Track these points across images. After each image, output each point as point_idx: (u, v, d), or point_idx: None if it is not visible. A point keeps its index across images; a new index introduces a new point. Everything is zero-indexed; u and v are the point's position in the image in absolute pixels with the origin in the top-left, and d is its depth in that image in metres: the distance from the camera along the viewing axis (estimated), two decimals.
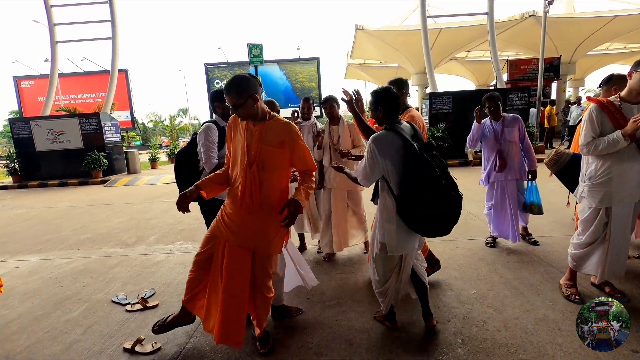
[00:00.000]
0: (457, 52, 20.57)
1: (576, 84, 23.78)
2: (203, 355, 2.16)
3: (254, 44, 9.72)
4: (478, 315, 2.40)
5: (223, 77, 18.59)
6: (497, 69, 13.11)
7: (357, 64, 26.08)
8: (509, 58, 17.76)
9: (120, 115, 18.93)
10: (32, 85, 20.15)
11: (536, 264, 3.22)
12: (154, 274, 3.48)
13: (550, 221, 4.30)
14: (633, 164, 2.29)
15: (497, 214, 3.59)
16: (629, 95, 2.30)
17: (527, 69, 16.01)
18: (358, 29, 18.48)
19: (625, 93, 2.32)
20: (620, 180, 2.30)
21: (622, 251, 2.40)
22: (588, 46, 18.22)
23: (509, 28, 17.02)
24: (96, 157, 11.18)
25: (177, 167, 2.69)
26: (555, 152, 2.91)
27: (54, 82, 13.53)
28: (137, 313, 2.71)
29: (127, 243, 4.56)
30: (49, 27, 13.44)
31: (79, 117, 11.79)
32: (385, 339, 2.21)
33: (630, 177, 2.30)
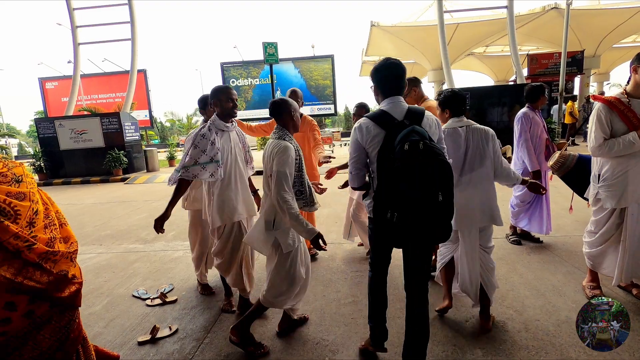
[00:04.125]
0: (475, 47, 20.15)
1: (601, 79, 22.94)
2: (221, 349, 2.20)
3: (269, 43, 9.75)
4: (498, 316, 2.35)
5: (238, 75, 18.76)
6: (517, 64, 12.76)
7: (372, 61, 25.86)
8: (529, 52, 17.25)
9: (139, 115, 19.34)
10: (56, 86, 20.82)
11: (558, 264, 3.12)
12: (172, 269, 3.56)
13: (573, 220, 4.17)
14: None
15: (534, 207, 3.50)
16: (636, 91, 2.21)
17: (548, 63, 15.52)
18: (373, 25, 18.32)
19: (631, 88, 2.23)
20: (636, 179, 2.22)
21: (639, 251, 2.31)
22: (613, 39, 17.53)
23: (529, 22, 16.55)
24: (117, 155, 11.48)
25: None
26: (560, 155, 2.80)
27: (76, 82, 13.96)
28: (157, 308, 2.78)
29: (146, 239, 4.67)
30: (72, 30, 13.86)
31: (100, 116, 12.12)
32: (401, 337, 2.19)
33: None
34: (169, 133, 43.40)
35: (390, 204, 1.52)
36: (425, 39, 18.01)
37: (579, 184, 2.68)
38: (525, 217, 3.57)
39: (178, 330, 2.43)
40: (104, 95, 20.85)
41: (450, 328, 2.26)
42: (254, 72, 18.64)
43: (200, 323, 2.51)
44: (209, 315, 2.61)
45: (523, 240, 3.67)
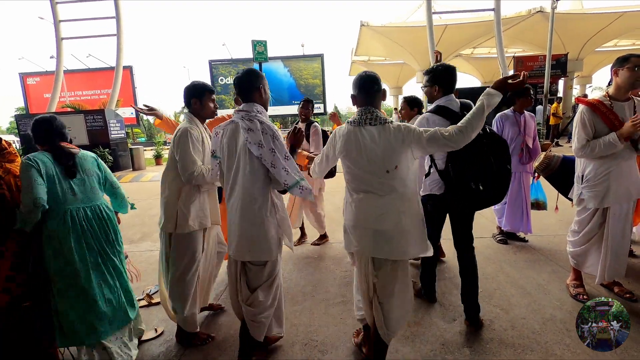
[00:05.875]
0: (463, 48, 20.39)
1: (584, 81, 23.51)
2: (208, 352, 2.16)
3: (259, 41, 9.69)
4: (484, 315, 2.38)
5: (227, 73, 18.58)
6: (503, 66, 13.00)
7: (361, 61, 25.96)
8: (515, 55, 17.56)
9: (125, 112, 18.96)
10: (37, 82, 20.25)
11: (543, 263, 3.18)
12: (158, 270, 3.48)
13: (557, 220, 4.26)
14: (630, 162, 2.31)
15: (511, 207, 3.55)
16: (618, 93, 2.28)
17: (533, 65, 15.82)
18: (363, 25, 18.38)
19: (613, 91, 2.30)
20: (618, 180, 2.29)
21: (621, 250, 2.38)
22: (596, 43, 17.98)
23: (515, 24, 16.83)
24: (101, 153, 11.22)
25: None
26: (545, 157, 2.87)
27: (59, 78, 13.61)
28: (142, 309, 2.72)
29: (132, 239, 4.57)
30: (55, 24, 13.50)
31: (84, 113, 11.85)
32: None
33: (627, 176, 2.30)
34: (155, 131, 42.72)
35: (476, 176, 1.99)
36: (414, 40, 18.14)
37: (563, 184, 2.74)
38: (504, 216, 3.64)
39: (164, 333, 2.39)
40: (88, 92, 20.38)
41: (438, 327, 2.28)
42: None
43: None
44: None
45: (509, 240, 3.73)
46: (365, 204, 1.68)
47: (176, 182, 2.10)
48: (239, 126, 1.75)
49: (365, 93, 1.72)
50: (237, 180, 1.75)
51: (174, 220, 2.09)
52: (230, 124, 1.81)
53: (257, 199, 1.74)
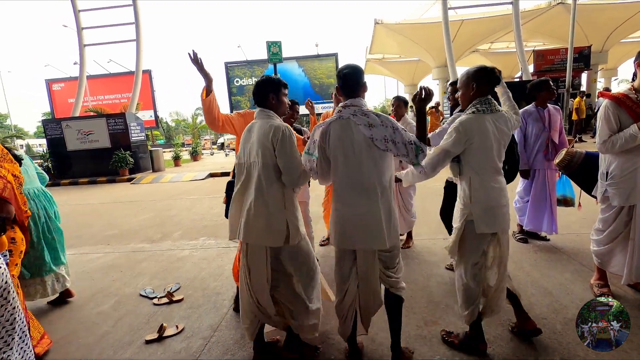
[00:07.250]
0: (480, 43, 19.99)
1: (608, 74, 22.66)
2: (227, 348, 2.21)
3: (273, 42, 9.76)
4: (504, 314, 2.33)
5: (242, 75, 18.81)
6: (523, 60, 12.64)
7: (376, 59, 25.78)
8: (535, 48, 17.08)
9: (145, 115, 19.47)
10: (62, 87, 21.02)
11: (565, 262, 3.10)
12: (179, 269, 3.58)
13: (580, 218, 4.13)
14: None
15: (534, 205, 3.46)
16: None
17: (555, 59, 15.35)
18: (377, 23, 18.26)
19: (638, 84, 2.21)
20: None
21: None
22: (621, 34, 17.31)
23: (534, 17, 16.38)
24: (123, 155, 11.58)
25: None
26: (567, 153, 2.76)
27: (82, 84, 14.06)
28: (164, 307, 2.80)
29: (152, 239, 4.71)
30: (77, 31, 13.95)
31: (106, 117, 12.23)
32: (409, 337, 2.19)
33: None
34: (174, 133, 43.61)
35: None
36: (430, 36, 17.90)
37: (587, 181, 2.65)
38: (526, 215, 3.54)
39: (185, 329, 2.45)
40: (109, 96, 21.02)
41: (456, 327, 2.25)
42: (258, 71, 18.68)
43: (206, 322, 2.53)
44: (216, 314, 2.63)
45: (530, 239, 3.64)
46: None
47: (276, 191, 1.88)
48: (350, 121, 1.76)
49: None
50: (361, 176, 1.75)
51: (285, 233, 1.88)
52: (337, 119, 1.79)
53: (385, 188, 1.77)
